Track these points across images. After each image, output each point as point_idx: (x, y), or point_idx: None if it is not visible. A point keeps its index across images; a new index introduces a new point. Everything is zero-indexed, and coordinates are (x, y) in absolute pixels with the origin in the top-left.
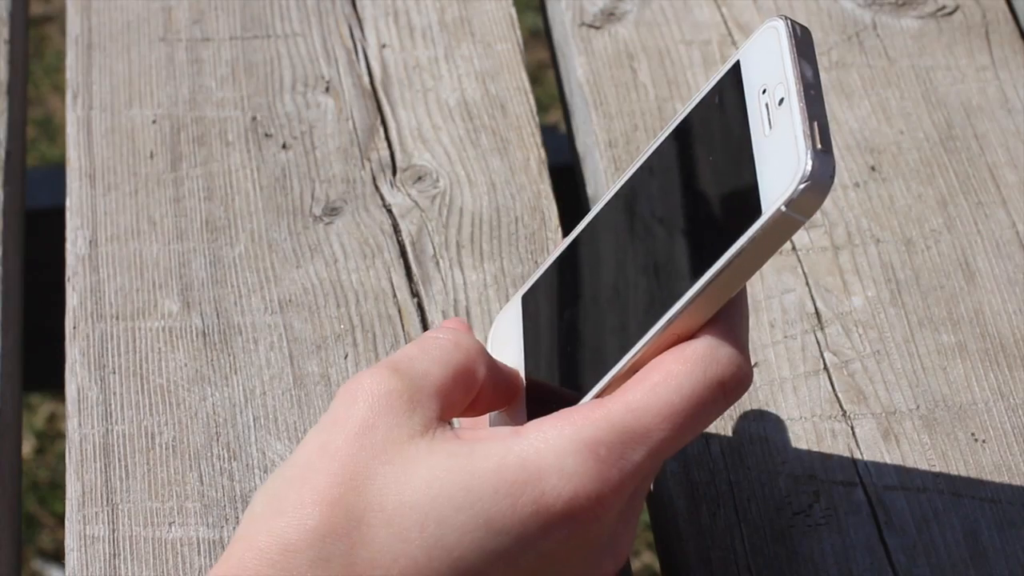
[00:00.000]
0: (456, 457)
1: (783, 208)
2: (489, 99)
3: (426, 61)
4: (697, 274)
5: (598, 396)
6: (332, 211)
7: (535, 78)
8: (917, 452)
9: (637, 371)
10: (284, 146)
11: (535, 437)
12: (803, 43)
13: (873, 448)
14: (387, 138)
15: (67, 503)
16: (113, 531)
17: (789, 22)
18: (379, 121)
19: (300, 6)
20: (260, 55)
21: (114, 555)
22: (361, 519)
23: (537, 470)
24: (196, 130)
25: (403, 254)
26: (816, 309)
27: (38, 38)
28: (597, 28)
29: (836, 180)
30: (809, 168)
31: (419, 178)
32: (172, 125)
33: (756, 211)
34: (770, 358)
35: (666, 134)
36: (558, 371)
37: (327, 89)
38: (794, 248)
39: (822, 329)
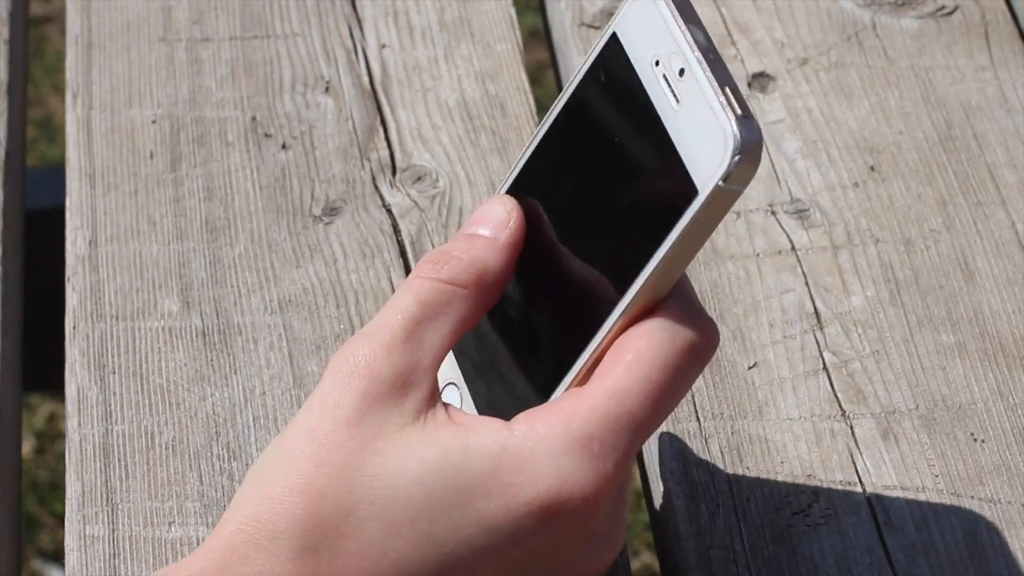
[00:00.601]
0: (450, 454)
1: (721, 183)
2: (489, 99)
3: (426, 61)
4: (644, 261)
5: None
6: (332, 211)
7: (535, 78)
8: (916, 452)
9: (600, 359)
10: (284, 146)
11: (527, 434)
12: (684, 7)
13: (872, 448)
14: (387, 138)
15: (67, 503)
16: (113, 531)
17: None
18: (379, 121)
19: (300, 6)
20: (260, 55)
21: (114, 555)
22: (350, 511)
23: (533, 471)
24: (196, 130)
25: (403, 254)
26: (815, 309)
27: (38, 38)
28: (597, 28)
29: (836, 180)
30: (739, 138)
31: (419, 178)
32: (172, 125)
33: (691, 190)
34: (769, 358)
35: (551, 119)
36: (511, 371)
37: (327, 89)
38: (793, 248)
39: (821, 329)
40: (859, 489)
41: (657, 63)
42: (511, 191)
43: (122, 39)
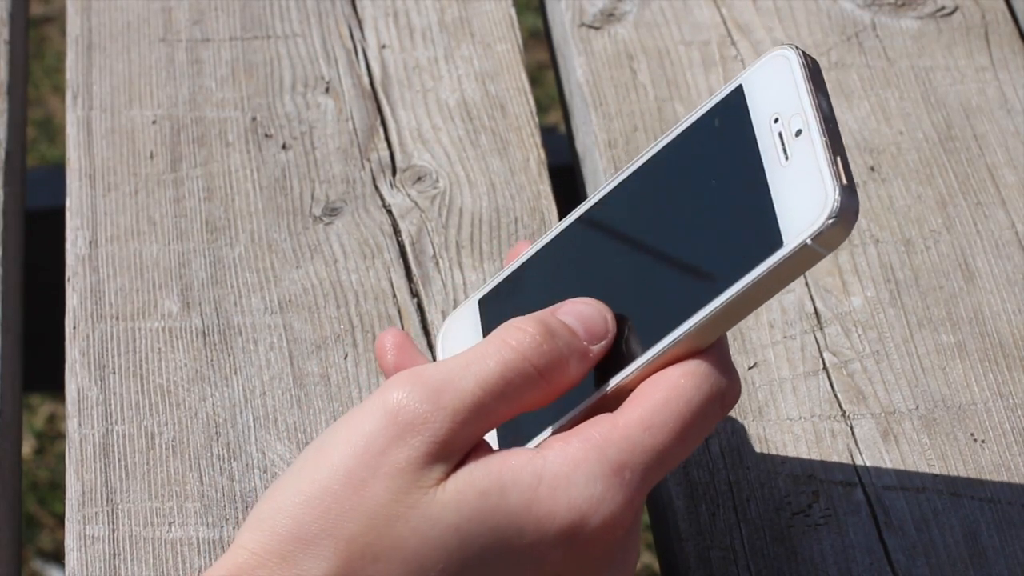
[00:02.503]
0: (488, 498)
1: (808, 241)
2: (489, 100)
3: (426, 62)
4: (708, 298)
5: (586, 409)
6: (332, 211)
7: (535, 79)
8: (916, 452)
9: (633, 387)
10: (284, 146)
11: (563, 460)
12: (816, 74)
13: (872, 448)
14: (387, 138)
15: (67, 503)
16: (113, 531)
17: (801, 52)
18: (379, 121)
19: (300, 6)
20: (260, 55)
21: (114, 555)
22: (378, 556)
23: (567, 498)
24: (196, 130)
25: (403, 254)
26: (815, 309)
27: (38, 38)
28: (597, 29)
29: None
30: (838, 203)
31: (419, 178)
32: (172, 125)
33: (776, 241)
34: (769, 358)
35: (659, 147)
36: None
37: (327, 89)
38: None
39: (821, 329)
40: (859, 489)
41: (776, 120)
42: (598, 202)
43: (122, 39)
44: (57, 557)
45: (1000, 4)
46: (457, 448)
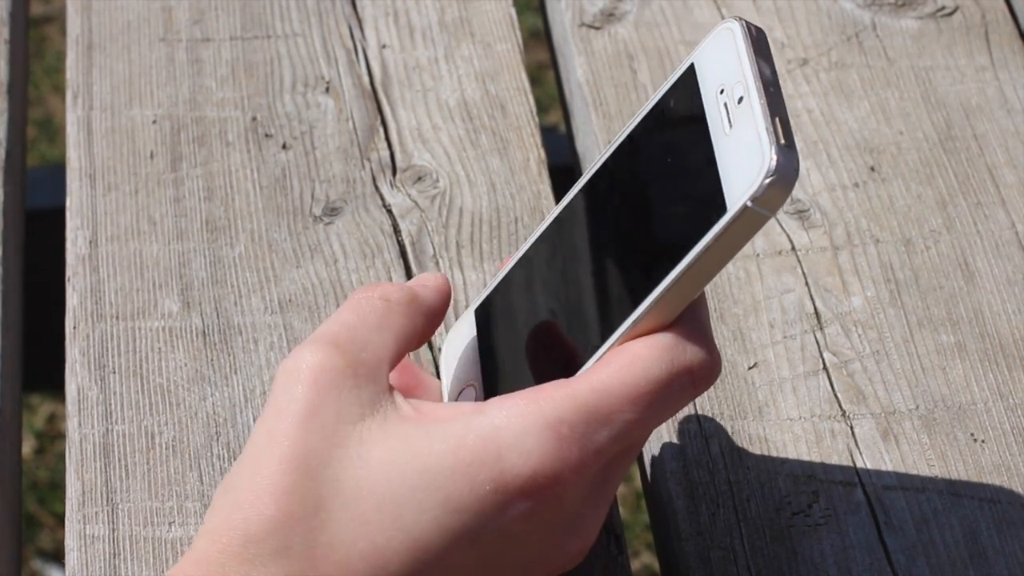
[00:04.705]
0: (411, 439)
1: (748, 203)
2: (489, 99)
3: (426, 61)
4: (664, 272)
5: None
6: (332, 211)
7: (535, 78)
8: (916, 452)
9: None
10: (284, 146)
11: (496, 414)
12: (759, 42)
13: (872, 448)
14: (387, 138)
15: (67, 503)
16: (113, 531)
17: (744, 23)
18: (379, 121)
19: (300, 6)
20: (260, 55)
21: (114, 555)
22: (319, 504)
23: (496, 449)
24: (196, 130)
25: (403, 254)
26: (815, 309)
27: (38, 38)
28: (597, 28)
29: (836, 180)
30: (774, 163)
31: (419, 178)
32: (172, 125)
33: (722, 208)
34: (769, 358)
35: (623, 137)
36: (520, 382)
37: (327, 89)
38: (793, 248)
39: (821, 329)
40: (859, 489)
41: (722, 91)
42: (573, 198)
43: (122, 39)
44: (57, 557)
45: (1000, 4)
46: (356, 372)
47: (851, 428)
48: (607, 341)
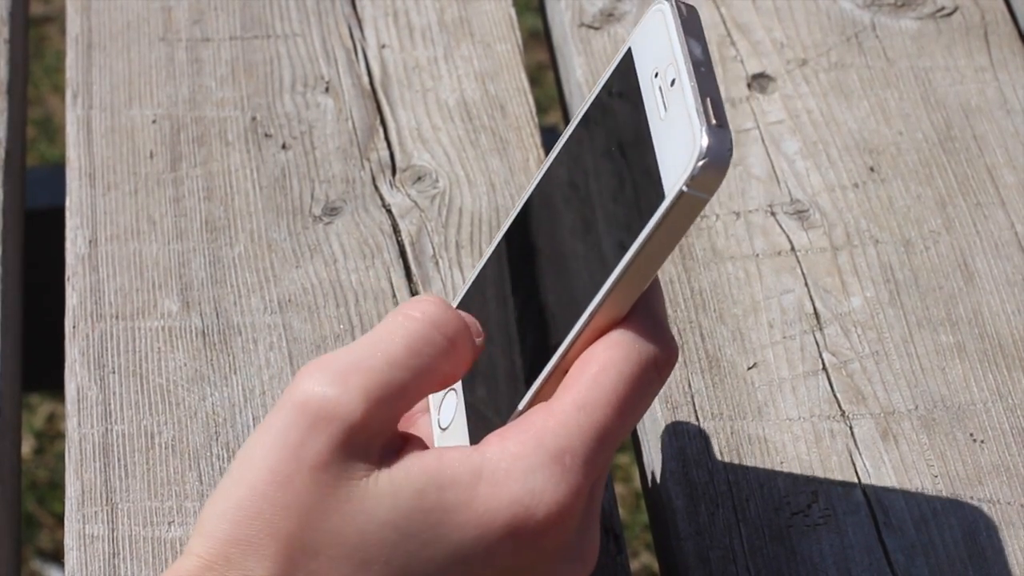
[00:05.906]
0: (423, 498)
1: (684, 188)
2: (489, 99)
3: (426, 61)
4: (611, 266)
5: (532, 400)
6: (332, 211)
7: (535, 79)
8: (916, 452)
9: (567, 368)
10: (284, 146)
11: (500, 456)
12: (689, 22)
13: (872, 448)
14: (387, 138)
15: (66, 503)
16: (112, 530)
17: (674, 3)
18: (379, 121)
19: (300, 6)
20: (260, 55)
21: (113, 554)
22: (319, 552)
23: (508, 493)
24: (196, 130)
25: (403, 254)
26: (815, 309)
27: (38, 38)
28: (596, 29)
29: (835, 181)
30: (705, 144)
31: (419, 178)
32: (172, 125)
33: (660, 195)
34: (769, 358)
35: (569, 131)
36: (494, 384)
37: (327, 89)
38: (793, 249)
39: (821, 330)
40: (858, 489)
41: (656, 74)
42: (529, 197)
43: (122, 39)
44: (57, 557)
45: (1000, 4)
46: (377, 430)
47: (850, 428)
48: (566, 339)
